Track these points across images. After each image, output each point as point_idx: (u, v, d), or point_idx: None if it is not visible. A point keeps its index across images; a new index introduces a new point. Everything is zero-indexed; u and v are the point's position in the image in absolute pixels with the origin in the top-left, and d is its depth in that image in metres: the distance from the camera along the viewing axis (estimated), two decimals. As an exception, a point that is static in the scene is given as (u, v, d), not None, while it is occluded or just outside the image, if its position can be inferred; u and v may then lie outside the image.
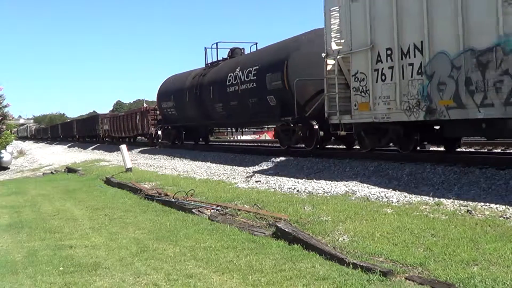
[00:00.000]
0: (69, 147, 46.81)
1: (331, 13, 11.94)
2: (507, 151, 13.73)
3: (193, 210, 8.72)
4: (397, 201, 7.77)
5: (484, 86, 8.53)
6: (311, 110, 13.60)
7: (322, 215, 7.11)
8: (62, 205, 11.02)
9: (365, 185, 9.54)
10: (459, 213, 6.65)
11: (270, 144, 22.18)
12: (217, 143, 26.75)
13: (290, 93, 14.25)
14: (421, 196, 8.01)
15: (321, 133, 13.69)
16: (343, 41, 11.71)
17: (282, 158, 14.37)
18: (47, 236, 7.67)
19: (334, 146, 16.28)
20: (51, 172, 21.20)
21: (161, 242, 6.75)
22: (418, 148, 11.40)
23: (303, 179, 10.94)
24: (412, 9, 9.76)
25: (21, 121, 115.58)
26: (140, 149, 27.10)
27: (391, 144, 11.66)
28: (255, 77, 16.16)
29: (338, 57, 11.79)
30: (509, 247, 5.09)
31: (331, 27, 12.00)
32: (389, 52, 10.46)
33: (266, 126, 20.64)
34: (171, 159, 19.97)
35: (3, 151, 28.20)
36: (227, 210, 8.34)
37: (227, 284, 4.94)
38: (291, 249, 5.91)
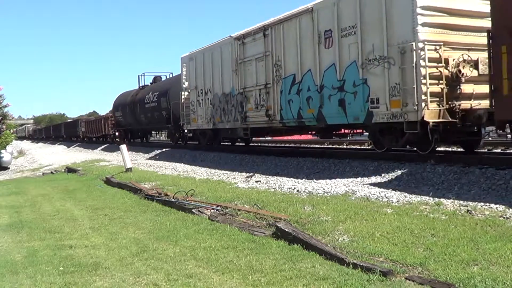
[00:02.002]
0: (68, 147, 46.95)
1: (183, 65, 20.47)
2: (507, 151, 13.74)
3: (193, 210, 8.72)
4: (397, 201, 7.76)
5: (228, 111, 16.99)
6: (181, 121, 21.06)
7: (322, 215, 7.10)
8: (62, 205, 11.02)
9: (365, 185, 9.54)
10: (459, 213, 6.65)
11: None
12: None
13: (171, 110, 23.52)
14: (421, 196, 8.01)
15: (190, 135, 21.98)
16: (187, 82, 20.21)
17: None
18: (47, 236, 7.67)
19: (334, 146, 16.33)
20: (51, 172, 21.18)
21: (161, 242, 6.75)
22: (222, 143, 19.99)
23: (303, 179, 10.94)
24: (207, 70, 18.40)
25: (21, 121, 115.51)
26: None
27: (209, 141, 19.90)
28: (156, 99, 25.82)
29: (191, 90, 19.88)
30: (509, 247, 5.08)
31: (183, 73, 20.52)
32: (201, 91, 18.97)
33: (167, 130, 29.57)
34: (171, 160, 20.01)
35: (3, 151, 28.15)
36: (227, 210, 8.34)
37: (227, 284, 4.94)
38: (291, 249, 5.91)
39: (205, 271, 5.37)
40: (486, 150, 14.09)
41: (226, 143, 20.38)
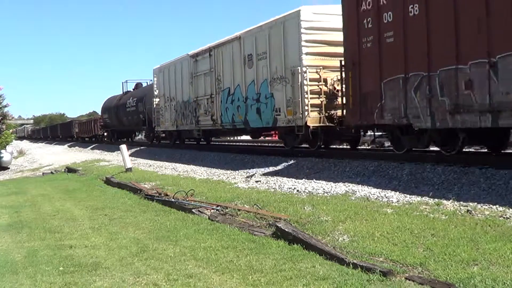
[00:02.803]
0: (69, 147, 46.97)
1: (154, 75, 24.63)
2: (507, 151, 13.72)
3: (193, 210, 8.72)
4: (397, 201, 7.77)
5: (186, 116, 20.59)
6: (154, 123, 24.91)
7: (322, 215, 7.10)
8: (62, 205, 11.01)
9: (365, 185, 9.54)
10: (459, 213, 6.65)
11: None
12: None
13: (146, 114, 27.10)
14: (421, 196, 8.00)
15: (163, 135, 25.58)
16: (158, 90, 24.24)
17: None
18: (47, 236, 7.66)
19: (334, 146, 16.33)
20: (51, 172, 21.15)
21: (161, 242, 6.74)
22: (186, 142, 23.73)
23: (303, 179, 10.94)
24: (172, 81, 22.14)
25: (20, 121, 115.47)
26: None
27: (177, 140, 23.75)
28: (135, 104, 29.46)
29: (160, 97, 23.72)
30: (509, 247, 5.08)
31: (155, 83, 24.74)
32: (168, 98, 22.66)
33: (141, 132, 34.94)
34: (171, 159, 20.01)
35: (3, 151, 28.11)
36: (227, 210, 8.33)
37: (227, 284, 4.94)
38: (291, 249, 5.91)
39: (205, 271, 5.37)
40: (486, 150, 14.08)
41: (192, 142, 23.59)
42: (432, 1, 9.29)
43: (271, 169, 13.34)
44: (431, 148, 14.91)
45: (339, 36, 12.15)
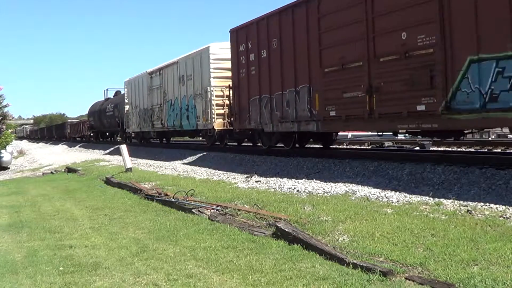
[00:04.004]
0: (63, 145, 47.04)
1: (125, 87, 30.01)
2: (507, 151, 13.75)
3: (193, 210, 8.71)
4: (397, 201, 7.76)
5: (146, 120, 26.20)
6: (125, 126, 30.36)
7: (322, 215, 7.10)
8: (62, 205, 11.01)
9: (365, 185, 9.53)
10: (459, 213, 6.65)
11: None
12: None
13: (120, 118, 32.20)
14: (421, 196, 8.00)
15: (133, 135, 30.45)
16: (128, 99, 29.27)
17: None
18: (47, 236, 7.66)
19: (334, 146, 16.36)
20: (51, 172, 21.15)
21: (161, 242, 6.74)
22: (152, 141, 28.93)
23: (303, 179, 10.94)
24: (136, 92, 27.65)
25: (20, 121, 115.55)
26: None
27: (143, 140, 29.13)
28: (113, 109, 34.74)
29: (129, 104, 28.81)
30: (509, 247, 5.08)
31: (125, 92, 29.98)
32: (134, 106, 28.09)
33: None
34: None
35: (3, 151, 28.10)
36: (227, 210, 8.33)
37: (227, 284, 4.94)
38: (291, 249, 5.90)
39: (205, 271, 5.37)
40: (486, 150, 14.09)
41: (157, 141, 28.39)
42: (271, 50, 14.12)
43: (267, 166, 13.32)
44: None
45: None
